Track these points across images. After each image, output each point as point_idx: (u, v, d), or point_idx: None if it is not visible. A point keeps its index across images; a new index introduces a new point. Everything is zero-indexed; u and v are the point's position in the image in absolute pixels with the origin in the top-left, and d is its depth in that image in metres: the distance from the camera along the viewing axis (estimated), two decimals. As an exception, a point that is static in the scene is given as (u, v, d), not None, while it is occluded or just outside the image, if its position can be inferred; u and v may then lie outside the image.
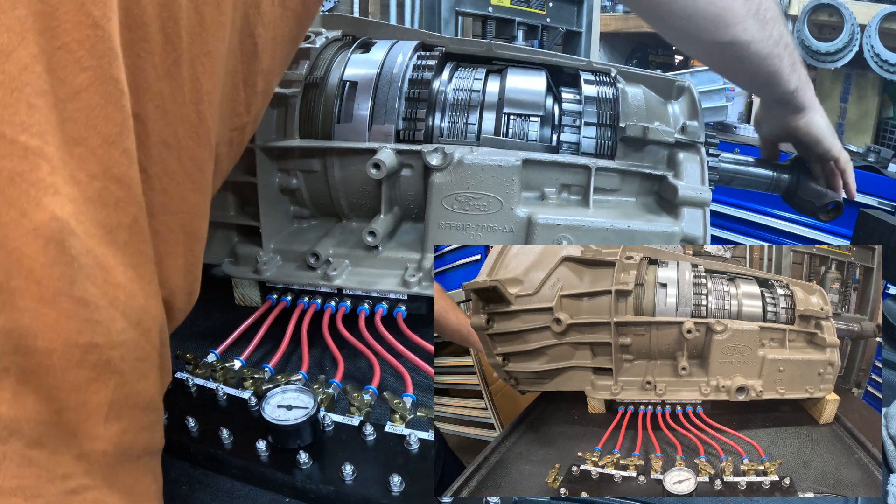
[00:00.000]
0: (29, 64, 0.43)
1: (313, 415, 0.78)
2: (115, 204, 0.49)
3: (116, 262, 0.48)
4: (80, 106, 0.46)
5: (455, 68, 1.18)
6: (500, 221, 1.03)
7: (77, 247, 0.45)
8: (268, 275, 1.09)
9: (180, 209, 0.58)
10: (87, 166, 0.47)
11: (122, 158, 0.49)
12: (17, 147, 0.43)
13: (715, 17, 0.83)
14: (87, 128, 0.46)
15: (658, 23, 0.91)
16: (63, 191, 0.44)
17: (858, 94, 3.08)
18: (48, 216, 0.43)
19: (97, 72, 0.47)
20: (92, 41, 0.46)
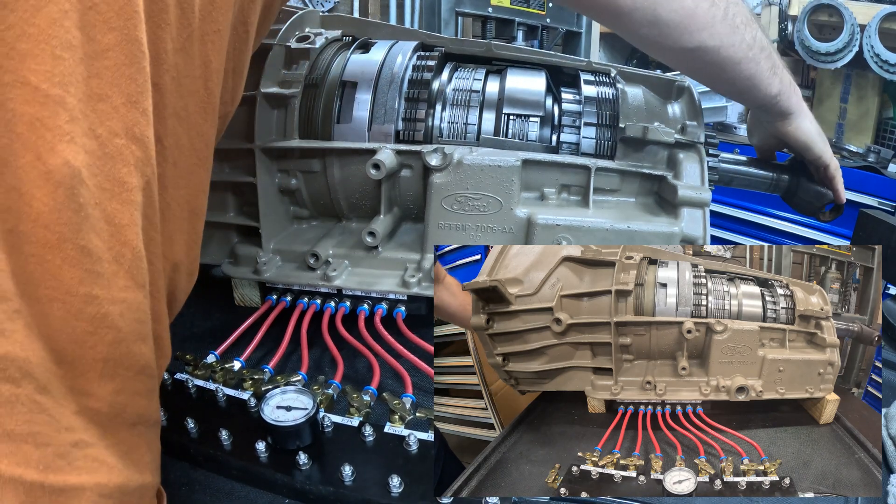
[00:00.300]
0: (58, 19, 0.44)
1: (313, 416, 0.78)
2: (135, 163, 0.49)
3: (130, 220, 0.49)
4: (107, 64, 0.47)
5: (455, 69, 1.19)
6: (499, 222, 1.03)
7: (86, 196, 0.46)
8: (267, 275, 1.09)
9: (187, 184, 0.59)
10: (110, 122, 0.48)
11: (142, 119, 0.50)
12: (39, 94, 0.44)
13: (678, 24, 0.83)
14: (112, 86, 0.48)
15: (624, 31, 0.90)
16: (79, 141, 0.45)
17: (858, 94, 3.08)
18: (60, 161, 0.44)
19: (124, 33, 0.48)
20: (120, 4, 0.47)
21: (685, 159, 1.05)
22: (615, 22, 0.87)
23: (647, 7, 0.81)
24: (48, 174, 0.44)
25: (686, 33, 0.84)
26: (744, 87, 0.96)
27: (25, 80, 0.43)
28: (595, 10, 0.86)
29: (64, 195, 0.44)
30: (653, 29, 0.84)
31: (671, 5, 0.81)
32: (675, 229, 1.00)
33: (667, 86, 1.20)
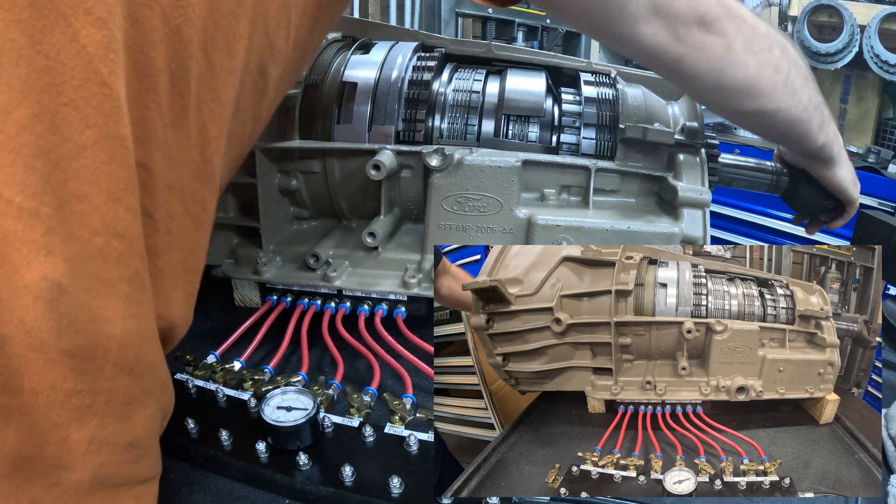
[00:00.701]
0: (28, 124, 0.43)
1: (313, 416, 0.78)
2: (117, 259, 0.49)
3: (115, 314, 0.49)
4: (85, 163, 0.46)
5: (455, 69, 1.19)
6: (499, 222, 1.03)
7: (68, 304, 0.45)
8: (267, 276, 1.09)
9: (182, 246, 0.59)
10: (89, 223, 0.47)
11: (125, 214, 0.49)
12: (13, 207, 0.43)
13: (740, 90, 0.83)
14: (91, 184, 0.47)
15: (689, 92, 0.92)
16: (58, 251, 0.45)
17: (858, 94, 3.08)
18: (39, 276, 0.44)
19: (103, 129, 0.47)
20: (99, 99, 0.46)
21: (685, 160, 1.05)
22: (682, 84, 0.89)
23: (711, 74, 0.81)
24: (26, 288, 0.44)
25: (747, 99, 0.84)
26: (793, 141, 1.00)
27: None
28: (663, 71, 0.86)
29: (44, 307, 0.44)
30: (714, 94, 0.85)
31: (735, 73, 0.81)
32: (676, 230, 1.00)
33: (666, 87, 1.20)
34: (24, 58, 0.43)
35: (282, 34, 0.66)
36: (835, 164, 1.05)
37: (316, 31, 0.74)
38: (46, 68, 0.44)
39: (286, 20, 0.67)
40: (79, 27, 0.45)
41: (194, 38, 0.54)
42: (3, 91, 0.43)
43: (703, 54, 0.79)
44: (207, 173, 0.60)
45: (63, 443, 0.47)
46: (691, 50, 0.78)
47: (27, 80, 0.43)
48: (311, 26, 0.72)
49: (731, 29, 0.78)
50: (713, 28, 0.77)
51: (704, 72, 0.81)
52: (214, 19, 0.56)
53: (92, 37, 0.46)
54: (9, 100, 0.43)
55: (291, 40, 0.68)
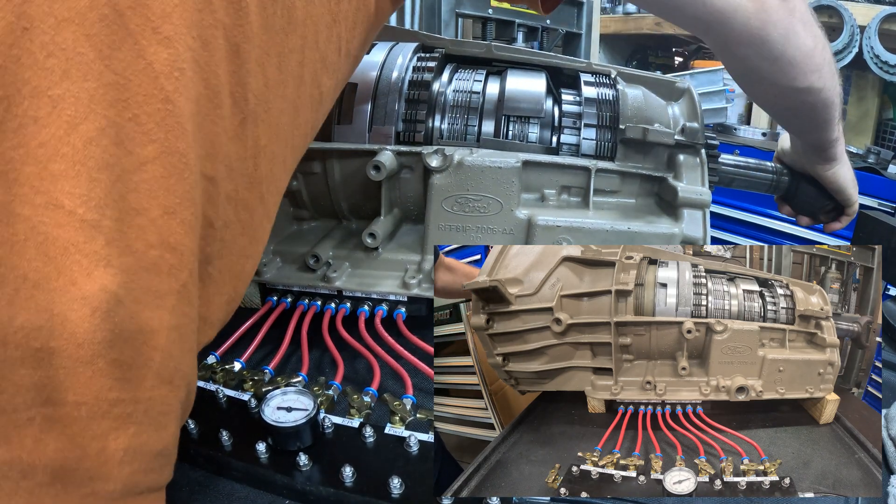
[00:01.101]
0: (94, 137, 0.44)
1: (313, 416, 0.78)
2: (168, 271, 0.50)
3: (161, 325, 0.50)
4: (145, 177, 0.47)
5: (455, 70, 1.19)
6: (499, 223, 1.03)
7: (121, 314, 0.46)
8: (268, 276, 1.09)
9: (231, 253, 0.60)
10: (146, 236, 0.48)
11: (178, 228, 0.50)
12: (75, 219, 0.44)
13: (800, 63, 0.82)
14: (150, 198, 0.48)
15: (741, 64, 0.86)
16: (116, 263, 0.46)
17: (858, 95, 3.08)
18: (97, 287, 0.45)
19: (164, 145, 0.48)
20: (162, 115, 0.47)
21: (685, 160, 1.06)
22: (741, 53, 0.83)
23: (777, 41, 0.78)
24: (84, 299, 0.44)
25: (803, 73, 0.83)
26: (816, 127, 0.97)
27: (59, 202, 0.43)
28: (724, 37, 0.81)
29: (100, 318, 0.45)
30: (774, 65, 0.82)
31: (798, 42, 0.79)
32: (676, 230, 1.00)
33: (667, 87, 1.20)
34: (93, 72, 0.44)
35: (333, 47, 0.69)
36: (837, 162, 1.05)
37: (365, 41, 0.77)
38: (114, 83, 0.45)
39: (336, 34, 0.69)
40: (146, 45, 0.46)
41: (251, 54, 0.56)
42: (71, 104, 0.43)
43: (773, 17, 0.76)
44: (256, 182, 0.61)
45: (101, 454, 0.48)
46: (761, 11, 0.75)
47: (95, 94, 0.44)
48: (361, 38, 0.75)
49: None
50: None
51: (770, 36, 0.78)
52: (269, 35, 0.58)
53: (158, 55, 0.47)
54: (76, 112, 0.44)
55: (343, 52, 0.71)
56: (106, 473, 0.48)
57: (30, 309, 0.43)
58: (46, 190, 0.43)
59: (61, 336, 0.44)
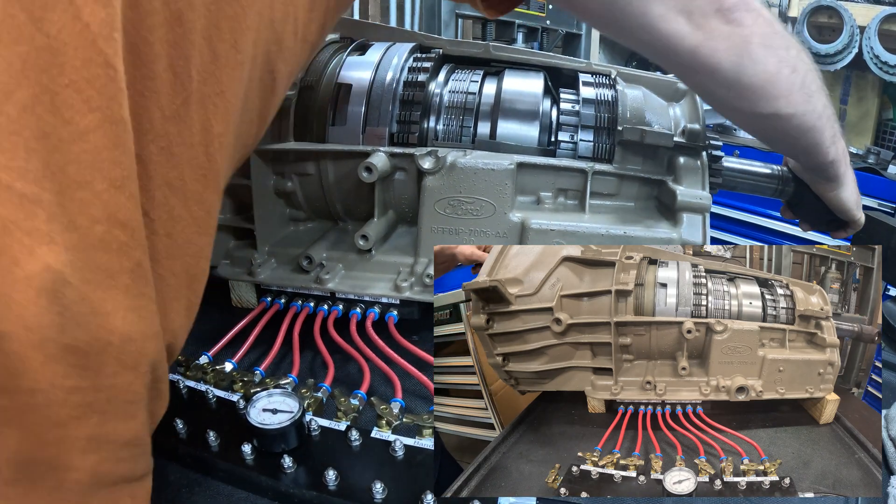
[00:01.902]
0: (29, 104, 0.42)
1: (298, 419, 0.78)
2: (119, 249, 0.47)
3: (116, 306, 0.47)
4: (87, 148, 0.44)
5: (452, 70, 1.18)
6: (492, 226, 1.03)
7: (70, 295, 0.44)
8: (262, 277, 1.09)
9: (185, 253, 0.57)
10: (90, 210, 0.45)
11: (127, 203, 0.47)
12: (13, 194, 0.41)
13: (758, 89, 0.79)
14: (93, 171, 0.45)
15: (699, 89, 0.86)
16: (59, 239, 0.43)
17: (858, 95, 3.09)
18: (41, 266, 0.42)
19: (106, 113, 0.45)
20: (102, 81, 0.44)
21: (685, 163, 1.04)
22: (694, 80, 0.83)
23: (729, 68, 0.76)
24: (28, 279, 0.42)
25: (763, 100, 0.80)
26: (804, 152, 0.95)
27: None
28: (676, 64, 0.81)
29: (47, 299, 0.43)
30: (731, 92, 0.80)
31: (755, 68, 0.77)
32: (674, 235, 0.99)
33: (668, 87, 1.20)
34: (25, 35, 0.41)
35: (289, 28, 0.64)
36: (840, 185, 1.01)
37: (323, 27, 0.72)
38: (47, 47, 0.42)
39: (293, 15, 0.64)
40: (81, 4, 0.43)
41: (196, 24, 0.51)
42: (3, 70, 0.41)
43: (722, 44, 0.75)
44: (212, 174, 0.57)
45: (62, 442, 0.46)
46: (709, 39, 0.74)
47: (27, 58, 0.41)
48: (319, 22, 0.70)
49: (749, 20, 0.74)
50: (731, 17, 0.74)
51: (721, 65, 0.76)
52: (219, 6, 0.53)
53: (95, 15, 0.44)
54: (9, 80, 0.41)
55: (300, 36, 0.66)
56: (68, 462, 0.47)
57: None
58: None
59: (8, 319, 0.42)
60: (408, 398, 0.88)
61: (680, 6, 0.73)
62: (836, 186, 1.02)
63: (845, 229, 1.14)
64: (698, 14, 0.73)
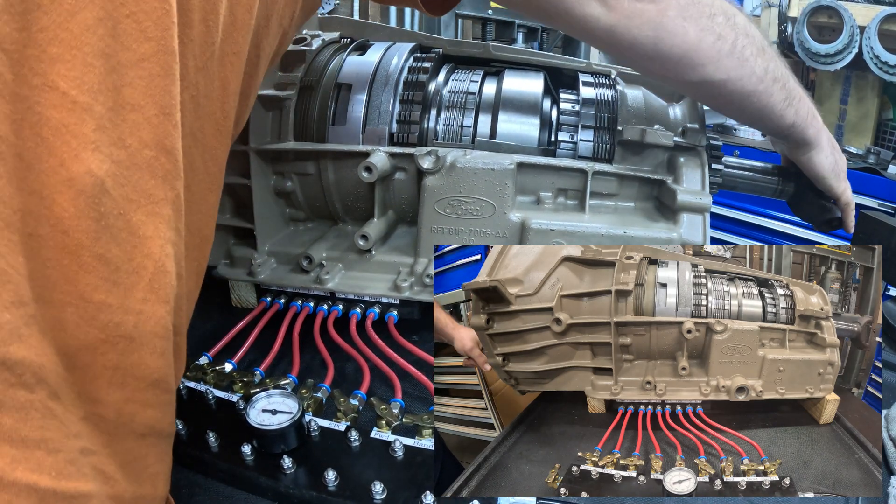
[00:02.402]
0: (92, 25, 0.44)
1: (298, 419, 0.78)
2: (164, 176, 0.49)
3: (155, 233, 0.48)
4: (142, 74, 0.47)
5: (452, 70, 1.18)
6: (492, 226, 1.03)
7: (108, 206, 0.45)
8: (262, 277, 1.09)
9: (199, 210, 0.58)
10: (141, 133, 0.47)
11: (173, 131, 0.49)
12: (67, 100, 0.44)
13: (680, 58, 0.80)
14: (146, 96, 0.47)
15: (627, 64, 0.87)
16: (106, 150, 0.45)
17: (858, 95, 3.08)
18: (84, 170, 0.44)
19: (161, 43, 0.47)
20: (158, 13, 0.47)
21: (685, 163, 1.04)
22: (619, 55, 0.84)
23: (646, 42, 0.78)
24: (70, 181, 0.44)
25: (689, 68, 0.81)
26: (755, 118, 0.94)
27: (54, 84, 0.43)
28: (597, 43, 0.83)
29: (85, 203, 0.44)
30: (654, 63, 0.82)
31: (672, 40, 0.78)
32: (674, 235, 0.98)
33: (668, 88, 1.19)
34: None
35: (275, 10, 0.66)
36: (810, 148, 0.99)
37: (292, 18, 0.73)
38: None
39: None
40: None
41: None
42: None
43: (636, 21, 0.76)
44: (225, 130, 0.59)
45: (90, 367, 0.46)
46: (623, 18, 0.76)
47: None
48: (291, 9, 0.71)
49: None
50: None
51: (638, 40, 0.78)
52: None
53: None
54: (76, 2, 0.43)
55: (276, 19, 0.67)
56: (95, 393, 0.47)
57: (23, 190, 0.43)
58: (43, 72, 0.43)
59: (48, 221, 0.43)
60: (407, 398, 0.88)
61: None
62: (806, 150, 1.00)
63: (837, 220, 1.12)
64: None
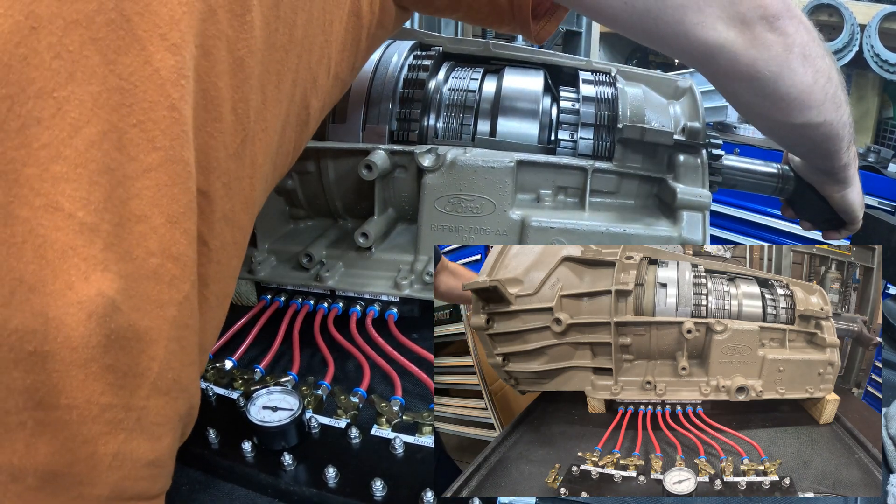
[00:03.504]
0: (97, 141, 0.44)
1: (298, 416, 0.78)
2: (170, 281, 0.49)
3: (160, 335, 0.49)
4: (148, 184, 0.47)
5: (452, 68, 1.18)
6: (492, 224, 1.03)
7: (119, 321, 0.46)
8: (262, 275, 1.09)
9: (227, 276, 0.60)
10: (147, 243, 0.47)
11: (182, 238, 0.50)
12: (74, 222, 0.43)
13: (794, 101, 0.77)
14: (152, 206, 0.47)
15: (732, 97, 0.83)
16: (114, 268, 0.45)
17: (858, 94, 3.08)
18: (94, 292, 0.44)
19: (169, 152, 0.47)
20: (167, 122, 0.47)
21: (685, 161, 1.04)
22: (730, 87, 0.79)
23: (768, 78, 0.74)
24: (80, 304, 0.44)
25: (798, 110, 0.78)
26: (821, 157, 0.94)
27: (58, 205, 0.43)
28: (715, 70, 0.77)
29: (96, 323, 0.44)
30: (766, 101, 0.77)
31: (794, 80, 0.74)
32: (674, 233, 0.99)
33: (668, 85, 1.20)
34: (98, 76, 0.44)
35: (323, 68, 0.68)
36: (847, 186, 1.01)
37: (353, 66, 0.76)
38: (118, 88, 0.45)
39: (327, 55, 0.68)
40: (153, 51, 0.46)
41: (255, 70, 0.55)
42: (74, 107, 0.43)
43: (764, 54, 0.72)
44: (251, 202, 0.61)
45: (91, 458, 0.47)
46: (750, 47, 0.71)
47: (98, 97, 0.44)
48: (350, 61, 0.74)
49: (791, 29, 0.72)
50: (775, 24, 0.71)
51: (761, 74, 0.73)
52: (270, 52, 0.57)
53: (165, 61, 0.46)
54: (79, 116, 0.43)
55: (332, 74, 0.70)
56: (94, 478, 0.48)
57: (25, 311, 0.42)
58: (46, 192, 0.42)
59: (56, 340, 0.43)
60: (407, 396, 0.88)
61: (721, 13, 0.70)
62: (843, 188, 1.01)
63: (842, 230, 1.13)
64: (740, 21, 0.70)
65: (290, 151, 0.70)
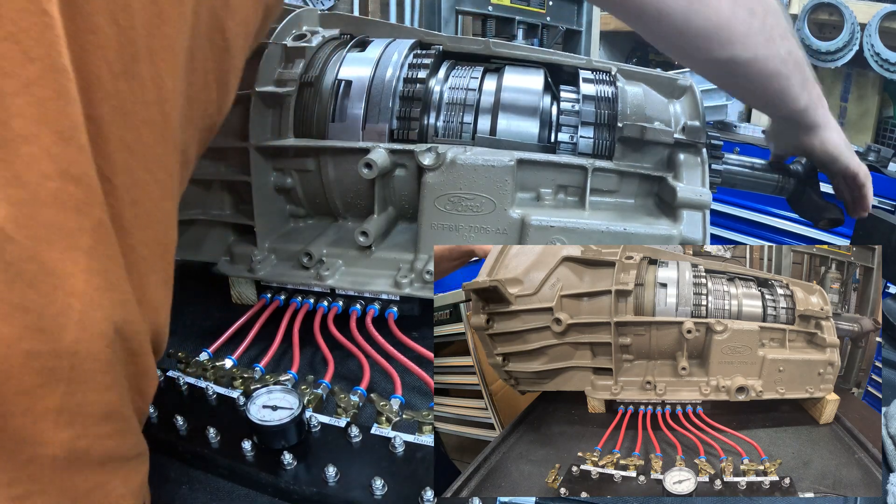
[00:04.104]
0: None
1: (298, 415, 0.78)
2: (76, 206, 0.45)
3: (77, 268, 0.45)
4: (30, 100, 0.42)
5: (452, 67, 1.18)
6: (493, 223, 1.03)
7: (15, 252, 0.42)
8: (262, 274, 1.09)
9: (154, 220, 0.54)
10: (39, 165, 0.43)
11: (79, 156, 0.45)
12: None
13: (711, 34, 0.76)
14: (39, 124, 0.43)
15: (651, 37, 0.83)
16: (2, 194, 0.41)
17: (858, 93, 3.08)
18: None
19: (47, 62, 0.43)
20: (40, 29, 0.42)
21: (686, 160, 1.04)
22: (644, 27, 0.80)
23: (677, 14, 0.74)
24: None
25: (718, 44, 0.77)
26: (772, 101, 0.91)
27: None
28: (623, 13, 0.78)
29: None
30: (681, 38, 0.77)
31: (705, 13, 0.74)
32: (674, 232, 0.99)
33: (668, 84, 1.19)
34: None
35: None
36: (821, 128, 0.97)
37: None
38: None
39: None
40: None
41: None
42: None
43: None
44: (169, 134, 0.54)
45: (28, 412, 0.44)
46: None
47: None
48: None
49: None
50: None
51: (666, 10, 0.73)
52: None
53: None
54: None
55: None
56: (39, 436, 0.45)
57: None
58: None
59: None
60: (407, 395, 0.89)
61: None
62: (817, 132, 0.98)
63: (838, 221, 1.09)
64: None
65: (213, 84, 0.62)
